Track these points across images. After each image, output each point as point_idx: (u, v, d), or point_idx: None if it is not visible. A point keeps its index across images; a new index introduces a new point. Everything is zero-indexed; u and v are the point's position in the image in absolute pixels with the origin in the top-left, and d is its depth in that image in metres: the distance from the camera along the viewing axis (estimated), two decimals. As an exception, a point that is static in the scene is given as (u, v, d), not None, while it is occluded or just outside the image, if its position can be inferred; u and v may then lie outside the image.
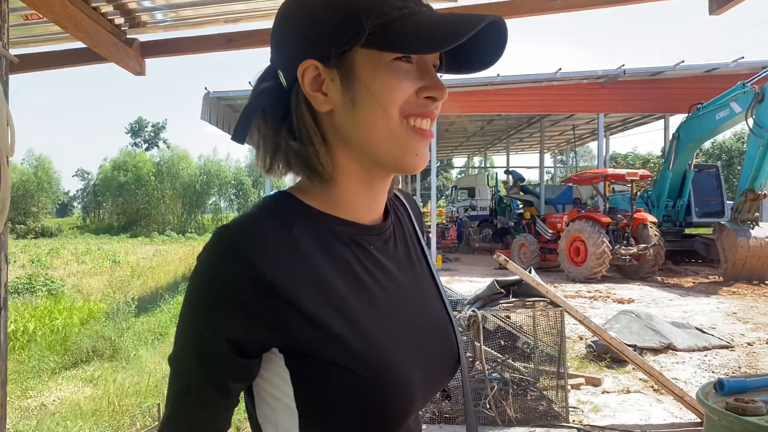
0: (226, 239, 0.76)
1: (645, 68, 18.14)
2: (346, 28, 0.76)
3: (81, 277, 19.61)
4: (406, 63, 0.78)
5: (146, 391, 6.67)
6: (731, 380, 1.87)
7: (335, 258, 0.82)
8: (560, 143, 30.84)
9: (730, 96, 13.05)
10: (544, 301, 4.82)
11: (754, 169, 12.19)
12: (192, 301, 0.78)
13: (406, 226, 1.00)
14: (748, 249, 12.15)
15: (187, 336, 0.79)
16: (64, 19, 2.35)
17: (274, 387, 0.82)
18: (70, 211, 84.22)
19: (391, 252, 0.92)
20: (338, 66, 0.79)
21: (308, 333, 0.76)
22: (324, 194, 0.85)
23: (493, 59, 0.83)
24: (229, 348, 0.76)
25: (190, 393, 0.81)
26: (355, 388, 0.76)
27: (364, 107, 0.79)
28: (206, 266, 0.77)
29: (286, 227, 0.80)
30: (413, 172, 0.84)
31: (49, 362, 8.45)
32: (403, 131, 0.80)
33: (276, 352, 0.79)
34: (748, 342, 7.37)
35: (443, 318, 0.95)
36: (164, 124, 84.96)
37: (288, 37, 0.82)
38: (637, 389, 5.60)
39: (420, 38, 0.74)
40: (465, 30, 0.72)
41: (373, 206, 0.90)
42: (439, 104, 0.83)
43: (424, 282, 0.96)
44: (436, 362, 0.88)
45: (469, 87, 18.00)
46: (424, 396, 0.85)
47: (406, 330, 0.85)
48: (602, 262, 13.12)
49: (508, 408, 4.45)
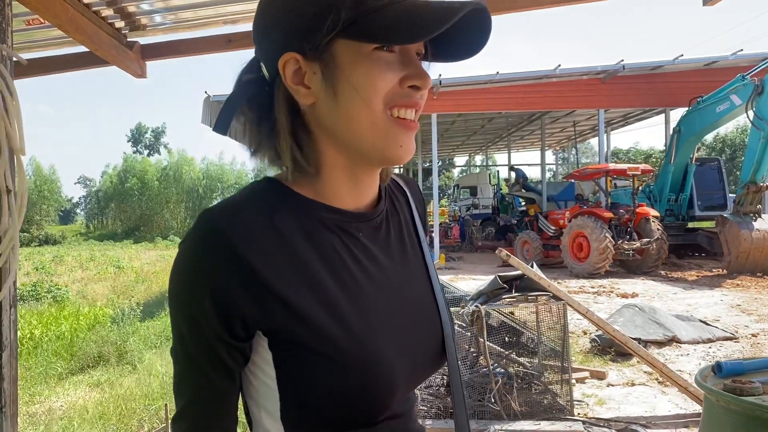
0: (208, 223, 0.76)
1: (644, 63, 18.15)
2: (324, 18, 0.75)
3: (85, 283, 19.68)
4: (387, 53, 0.77)
5: (153, 394, 6.69)
6: (729, 362, 1.90)
7: (319, 245, 0.82)
8: (561, 140, 30.83)
9: (730, 89, 13.06)
10: (546, 295, 4.85)
11: (755, 161, 12.19)
12: (178, 284, 0.78)
13: (402, 213, 0.99)
14: (751, 241, 12.16)
15: (179, 320, 0.79)
16: (65, 23, 2.39)
17: (259, 369, 0.82)
18: (73, 218, 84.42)
19: (382, 239, 0.91)
20: (319, 58, 0.78)
21: (288, 319, 0.77)
22: (311, 184, 0.85)
23: (478, 46, 0.82)
24: (220, 327, 0.76)
25: (192, 380, 0.82)
26: (335, 374, 0.77)
27: (346, 99, 0.78)
28: (189, 249, 0.77)
29: (269, 213, 0.80)
30: (398, 164, 0.83)
31: (56, 368, 8.49)
32: (386, 123, 0.79)
33: (261, 335, 0.79)
34: (752, 333, 7.38)
35: (430, 306, 0.94)
36: (164, 128, 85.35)
37: (268, 30, 0.81)
38: (641, 382, 5.62)
39: (399, 28, 0.72)
40: (445, 19, 0.71)
41: (360, 196, 0.89)
42: (424, 93, 0.82)
43: (414, 270, 0.95)
44: (419, 349, 0.88)
45: (469, 85, 18.04)
46: (407, 383, 0.85)
47: (389, 317, 0.85)
48: (605, 257, 13.13)
49: (512, 402, 4.47)
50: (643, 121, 24.64)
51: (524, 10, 2.90)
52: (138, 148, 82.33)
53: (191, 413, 0.83)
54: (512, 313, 5.22)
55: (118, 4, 2.77)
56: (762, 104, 11.97)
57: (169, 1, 2.91)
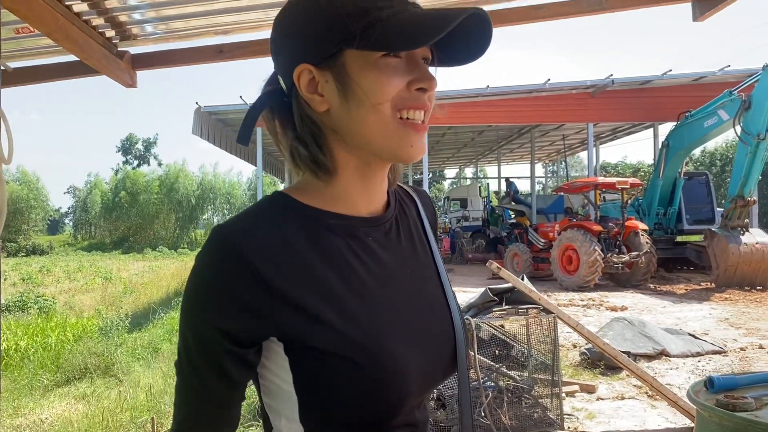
0: (221, 236, 0.81)
1: (633, 77, 18.32)
2: (334, 31, 0.80)
3: (73, 294, 19.50)
4: (394, 58, 0.82)
5: (140, 407, 6.61)
6: (721, 377, 1.89)
7: (328, 251, 0.85)
8: (551, 153, 30.99)
9: (717, 104, 13.17)
10: (537, 308, 4.84)
11: (743, 175, 12.29)
12: (189, 295, 0.82)
13: (412, 218, 1.03)
14: (739, 255, 12.23)
15: (185, 329, 0.83)
16: (55, 32, 2.37)
17: (275, 375, 0.85)
18: (61, 228, 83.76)
19: (392, 243, 0.95)
20: (330, 67, 0.83)
21: (301, 323, 0.80)
22: (324, 190, 0.89)
23: (481, 50, 0.86)
24: (223, 337, 0.80)
25: (195, 388, 0.85)
26: (350, 374, 0.79)
27: (357, 104, 0.82)
28: (201, 262, 0.81)
29: (278, 224, 0.84)
30: (410, 162, 0.88)
31: (42, 380, 8.38)
32: (396, 125, 0.83)
33: (275, 341, 0.82)
34: (741, 347, 7.40)
35: (443, 310, 0.96)
36: (155, 139, 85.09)
37: (282, 44, 0.86)
38: (631, 395, 5.61)
39: (403, 36, 0.77)
40: (445, 25, 0.75)
41: (371, 198, 0.93)
42: (431, 94, 0.86)
43: (426, 274, 0.98)
44: (431, 352, 0.90)
45: (460, 98, 18.13)
46: (421, 384, 0.87)
47: (401, 319, 0.87)
48: (594, 270, 13.15)
49: (503, 416, 4.44)
50: (631, 135, 24.83)
51: (514, 24, 2.92)
52: (128, 158, 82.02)
53: (191, 425, 0.87)
54: (502, 326, 5.20)
55: (109, 14, 2.76)
56: (749, 119, 12.08)
57: (161, 11, 2.90)
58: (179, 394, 0.87)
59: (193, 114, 17.54)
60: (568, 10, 3.06)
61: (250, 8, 2.98)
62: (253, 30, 3.23)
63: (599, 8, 3.13)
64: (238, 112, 18.07)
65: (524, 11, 2.99)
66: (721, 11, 3.09)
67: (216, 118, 18.87)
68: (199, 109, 17.61)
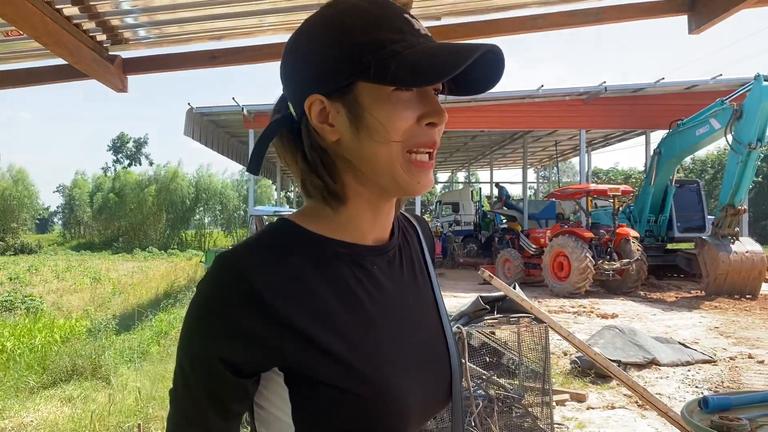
0: (224, 264, 0.80)
1: (626, 85, 18.41)
2: (348, 63, 0.79)
3: (61, 294, 19.36)
4: (406, 92, 0.81)
5: (127, 410, 6.55)
6: (716, 398, 1.87)
7: (333, 280, 0.85)
8: (543, 159, 31.09)
9: (709, 112, 13.25)
10: (528, 317, 4.82)
11: (734, 184, 12.36)
12: (191, 324, 0.81)
13: (414, 247, 1.03)
14: (729, 264, 12.28)
15: (185, 357, 0.82)
16: (43, 36, 2.33)
17: (273, 405, 0.84)
18: (50, 227, 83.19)
19: (396, 272, 0.94)
20: (342, 99, 0.82)
21: (305, 354, 0.79)
22: (332, 217, 0.89)
23: (492, 83, 0.87)
24: (225, 367, 0.79)
25: (190, 419, 0.83)
26: (351, 407, 0.79)
27: (368, 137, 0.82)
28: (205, 290, 0.80)
29: (283, 252, 0.83)
30: (416, 195, 0.90)
31: (27, 382, 8.29)
32: (404, 162, 0.83)
33: (276, 371, 0.82)
34: (730, 356, 7.42)
35: (441, 342, 0.96)
36: (146, 139, 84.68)
37: (294, 72, 0.86)
38: (621, 405, 5.61)
39: (416, 72, 0.77)
40: (459, 62, 0.75)
41: (378, 227, 0.92)
42: (441, 127, 0.86)
43: (426, 305, 0.99)
44: (431, 384, 0.90)
45: (453, 104, 18.10)
46: (419, 417, 0.86)
47: (403, 351, 0.88)
48: (585, 277, 13.18)
49: (493, 425, 4.42)
50: (623, 142, 24.97)
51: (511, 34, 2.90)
52: (118, 157, 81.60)
53: None
54: (493, 333, 5.18)
55: (100, 18, 2.72)
56: (740, 128, 12.15)
57: (155, 16, 2.87)
58: (173, 422, 0.86)
59: (185, 115, 17.48)
60: (565, 21, 3.05)
61: (244, 14, 2.95)
62: (246, 36, 3.20)
63: (595, 20, 3.13)
64: (230, 114, 18.03)
65: (521, 21, 2.98)
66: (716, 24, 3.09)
67: (208, 119, 18.80)
68: (191, 110, 17.55)
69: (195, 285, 0.89)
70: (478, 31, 3.04)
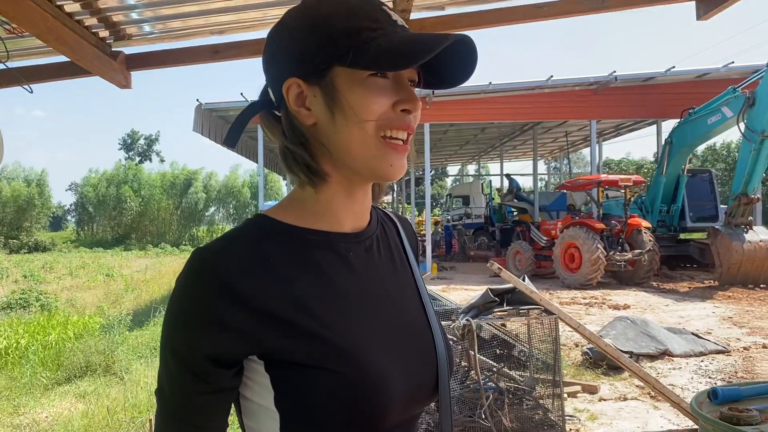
0: (198, 258, 0.82)
1: (637, 74, 18.21)
2: (325, 49, 0.83)
3: (75, 291, 19.49)
4: (381, 78, 0.84)
5: (140, 406, 6.59)
6: (725, 389, 1.85)
7: (306, 265, 0.87)
8: (553, 150, 30.90)
9: (721, 101, 13.11)
10: (538, 309, 4.79)
11: (746, 173, 12.25)
12: (169, 320, 0.83)
13: (393, 239, 1.04)
14: (742, 253, 12.18)
15: (167, 354, 0.84)
16: (44, 33, 2.33)
17: (256, 394, 0.85)
18: (64, 224, 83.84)
19: (374, 259, 0.96)
20: (319, 83, 0.85)
21: (280, 337, 0.80)
22: (307, 205, 0.91)
23: (465, 75, 0.89)
24: (206, 359, 0.81)
25: (176, 414, 0.85)
26: (330, 385, 0.80)
27: (343, 120, 0.84)
28: (181, 286, 0.82)
29: (257, 243, 0.85)
30: (388, 181, 0.91)
31: (42, 378, 8.36)
32: (377, 143, 0.85)
33: (256, 359, 0.83)
34: (744, 347, 7.35)
35: (424, 329, 0.96)
36: (157, 136, 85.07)
37: (273, 58, 0.89)
38: (634, 396, 5.57)
39: (390, 57, 0.80)
40: (431, 48, 0.78)
41: (355, 212, 0.94)
42: (416, 115, 0.88)
43: (406, 293, 0.99)
44: (413, 368, 0.90)
45: (463, 95, 18.06)
46: (402, 399, 0.86)
47: (381, 331, 0.89)
48: (597, 268, 13.11)
49: (503, 418, 4.40)
50: (634, 132, 24.74)
51: (515, 23, 2.87)
52: (130, 155, 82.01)
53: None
54: (504, 325, 5.16)
55: (102, 14, 2.71)
56: (753, 116, 12.02)
57: (159, 11, 2.86)
58: (160, 417, 0.87)
59: (194, 111, 17.53)
60: (569, 9, 3.01)
61: (246, 7, 2.94)
62: (249, 30, 3.18)
63: (600, 7, 3.08)
64: (239, 109, 17.83)
65: (525, 10, 2.94)
66: (725, 10, 3.03)
67: (217, 115, 18.84)
68: (200, 106, 17.60)
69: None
70: (482, 21, 3.01)
